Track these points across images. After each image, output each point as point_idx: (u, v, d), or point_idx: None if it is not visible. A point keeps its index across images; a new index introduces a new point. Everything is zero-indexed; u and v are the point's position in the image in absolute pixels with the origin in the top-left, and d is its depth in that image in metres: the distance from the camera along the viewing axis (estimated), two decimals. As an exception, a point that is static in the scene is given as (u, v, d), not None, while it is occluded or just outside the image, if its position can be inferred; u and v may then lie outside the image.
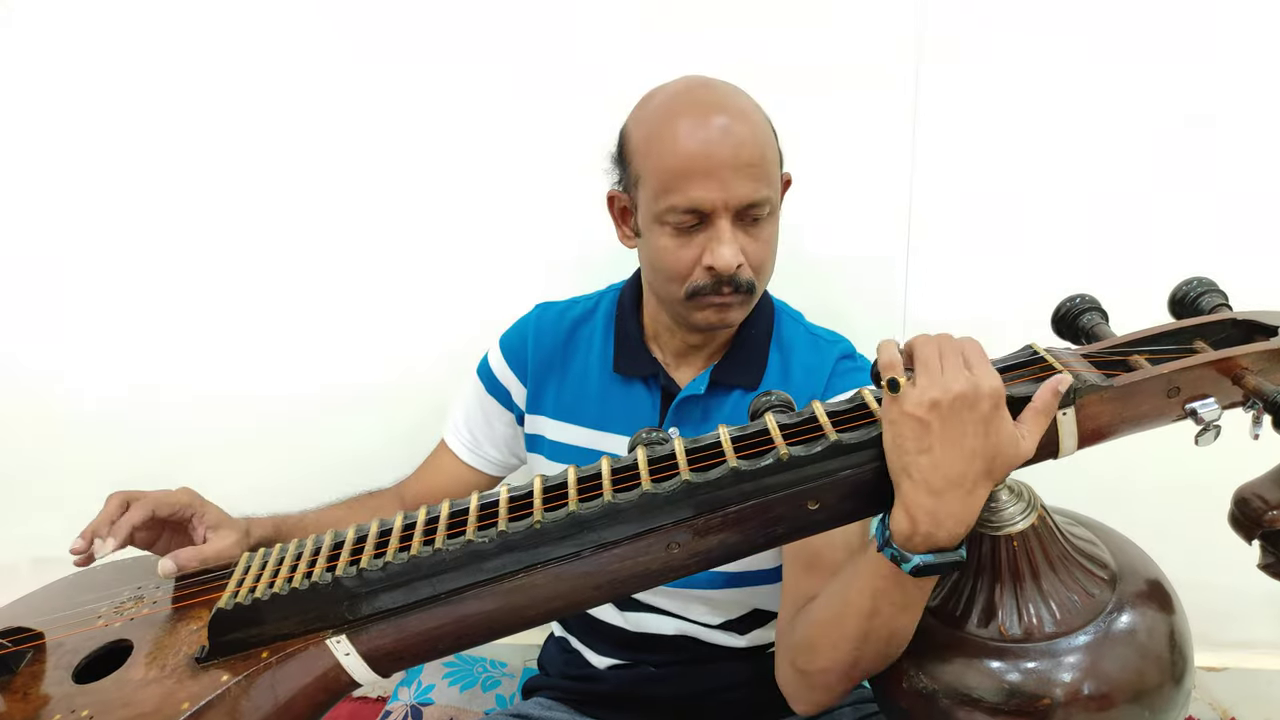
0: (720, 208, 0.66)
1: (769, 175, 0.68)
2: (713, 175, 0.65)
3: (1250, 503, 0.50)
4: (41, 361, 1.14)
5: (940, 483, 0.46)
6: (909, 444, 0.46)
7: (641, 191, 0.70)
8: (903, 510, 0.48)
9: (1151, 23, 0.88)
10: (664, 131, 0.67)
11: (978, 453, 0.46)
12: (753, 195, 0.66)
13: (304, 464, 1.13)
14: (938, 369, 0.46)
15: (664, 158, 0.66)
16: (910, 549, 0.48)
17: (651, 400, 0.78)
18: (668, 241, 0.68)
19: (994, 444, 0.46)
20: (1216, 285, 0.55)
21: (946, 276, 0.99)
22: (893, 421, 0.47)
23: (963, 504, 0.47)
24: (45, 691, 0.55)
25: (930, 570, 0.48)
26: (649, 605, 0.80)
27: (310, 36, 0.98)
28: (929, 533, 0.47)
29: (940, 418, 0.45)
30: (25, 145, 1.05)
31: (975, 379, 0.45)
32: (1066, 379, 0.48)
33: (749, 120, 0.67)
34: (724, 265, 0.66)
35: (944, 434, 0.45)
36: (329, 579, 0.51)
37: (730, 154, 0.65)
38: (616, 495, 0.50)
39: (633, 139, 0.70)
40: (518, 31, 0.95)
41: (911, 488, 0.47)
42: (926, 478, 0.46)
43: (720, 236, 0.66)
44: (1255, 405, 0.48)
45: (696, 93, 0.68)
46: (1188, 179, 0.92)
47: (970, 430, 0.45)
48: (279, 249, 1.07)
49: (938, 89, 0.92)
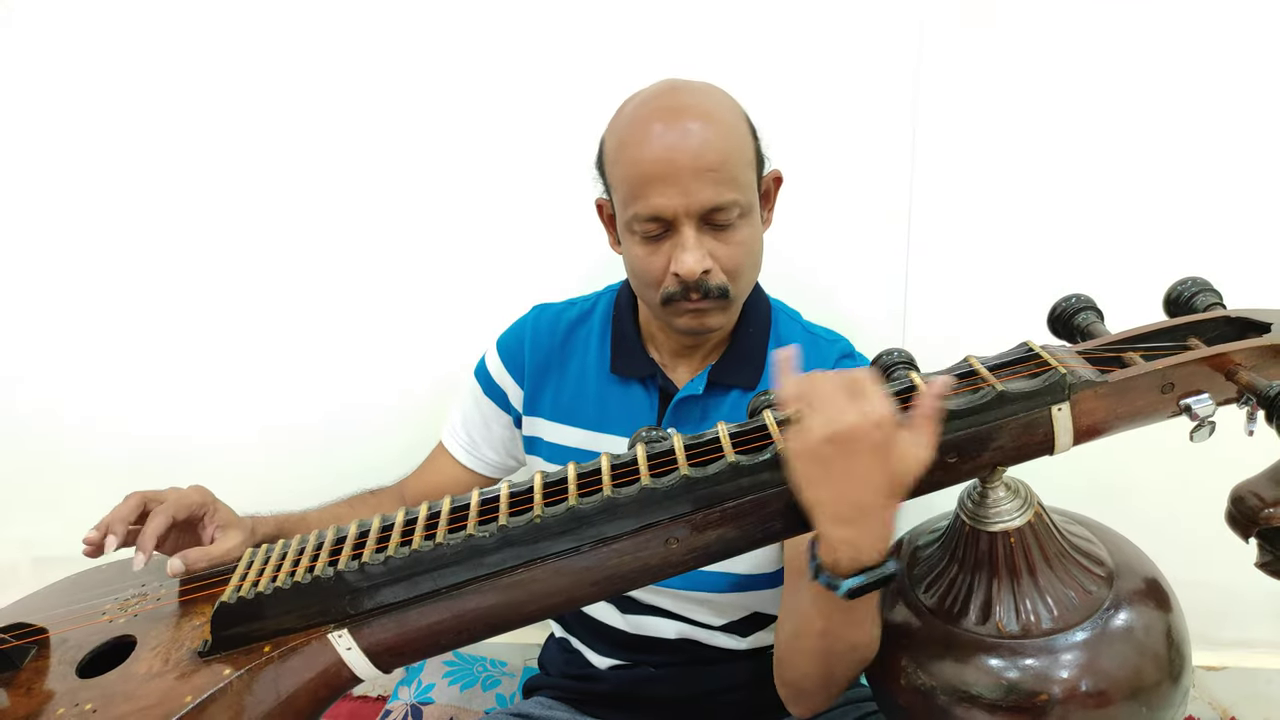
0: (681, 214, 0.65)
1: (735, 178, 0.66)
2: (672, 181, 0.64)
3: (1247, 500, 0.50)
4: (42, 363, 1.14)
5: (848, 513, 0.47)
6: (811, 478, 0.48)
7: (615, 199, 0.70)
8: (823, 542, 0.49)
9: (1150, 22, 0.89)
10: (629, 139, 0.67)
11: (878, 477, 0.47)
12: (715, 200, 0.65)
13: (304, 463, 1.13)
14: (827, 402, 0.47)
15: (627, 166, 0.66)
16: (840, 574, 0.50)
17: (649, 401, 0.78)
18: (639, 249, 0.68)
19: (891, 468, 0.47)
20: (1211, 285, 0.55)
21: (945, 276, 1.00)
22: (792, 459, 0.48)
23: (877, 525, 0.48)
24: (49, 686, 0.55)
25: (863, 590, 0.49)
26: (650, 607, 0.80)
27: (308, 51, 0.98)
28: (852, 557, 0.49)
29: (835, 452, 0.46)
30: (31, 150, 1.05)
31: (864, 409, 0.46)
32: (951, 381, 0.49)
33: (714, 122, 0.65)
34: (686, 272, 0.66)
35: (843, 465, 0.46)
36: (331, 573, 0.52)
37: (689, 159, 0.64)
38: (616, 490, 0.50)
39: (606, 147, 0.71)
40: (514, 37, 0.96)
41: (824, 520, 0.48)
42: (834, 510, 0.48)
43: (684, 244, 0.66)
44: (1249, 401, 0.48)
45: (663, 98, 0.67)
46: (1183, 179, 0.93)
47: (866, 460, 0.46)
48: (279, 254, 1.07)
49: (938, 89, 0.93)
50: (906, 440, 0.47)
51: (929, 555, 0.60)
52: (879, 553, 0.49)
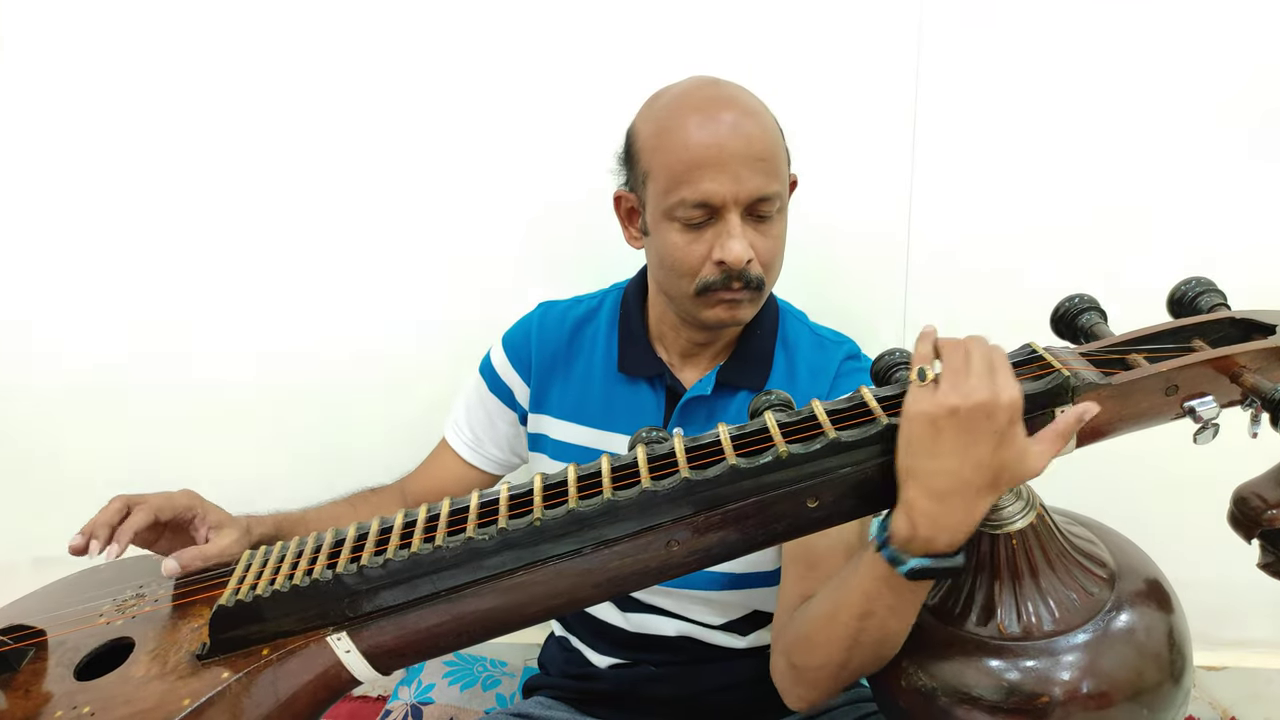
0: (730, 201, 0.66)
1: (779, 171, 0.68)
2: (724, 168, 0.65)
3: (1249, 501, 0.50)
4: (42, 363, 1.14)
5: (944, 488, 0.46)
6: (919, 445, 0.46)
7: (650, 188, 0.70)
8: (903, 512, 0.48)
9: (1151, 22, 0.88)
10: (674, 126, 0.67)
11: (986, 464, 0.46)
12: (764, 189, 0.66)
13: (306, 462, 1.13)
14: (963, 374, 0.46)
15: (674, 151, 0.66)
16: (908, 552, 0.48)
17: (656, 401, 0.78)
18: (677, 237, 0.68)
19: (1003, 458, 0.46)
20: (1215, 285, 0.55)
21: (946, 275, 0.99)
22: (909, 419, 0.47)
23: (965, 512, 0.47)
24: (47, 689, 0.55)
25: (926, 574, 0.48)
26: (650, 606, 0.80)
27: (316, 32, 0.98)
28: (928, 537, 0.47)
29: (955, 424, 0.45)
30: (24, 141, 1.05)
31: (996, 389, 0.45)
32: (1093, 409, 0.47)
33: (758, 117, 0.67)
34: (734, 259, 0.66)
35: (956, 441, 0.45)
36: (330, 576, 0.52)
37: (742, 147, 0.65)
38: (616, 493, 0.50)
39: (641, 136, 0.70)
40: (522, 30, 0.96)
41: (915, 490, 0.47)
42: (931, 482, 0.46)
43: (730, 230, 0.66)
44: (1253, 403, 0.48)
45: (706, 90, 0.69)
46: (1187, 179, 0.93)
47: (983, 441, 0.45)
48: (282, 246, 1.07)
49: (938, 88, 0.92)
50: (1028, 444, 0.46)
51: (930, 556, 0.59)
52: (955, 543, 0.48)
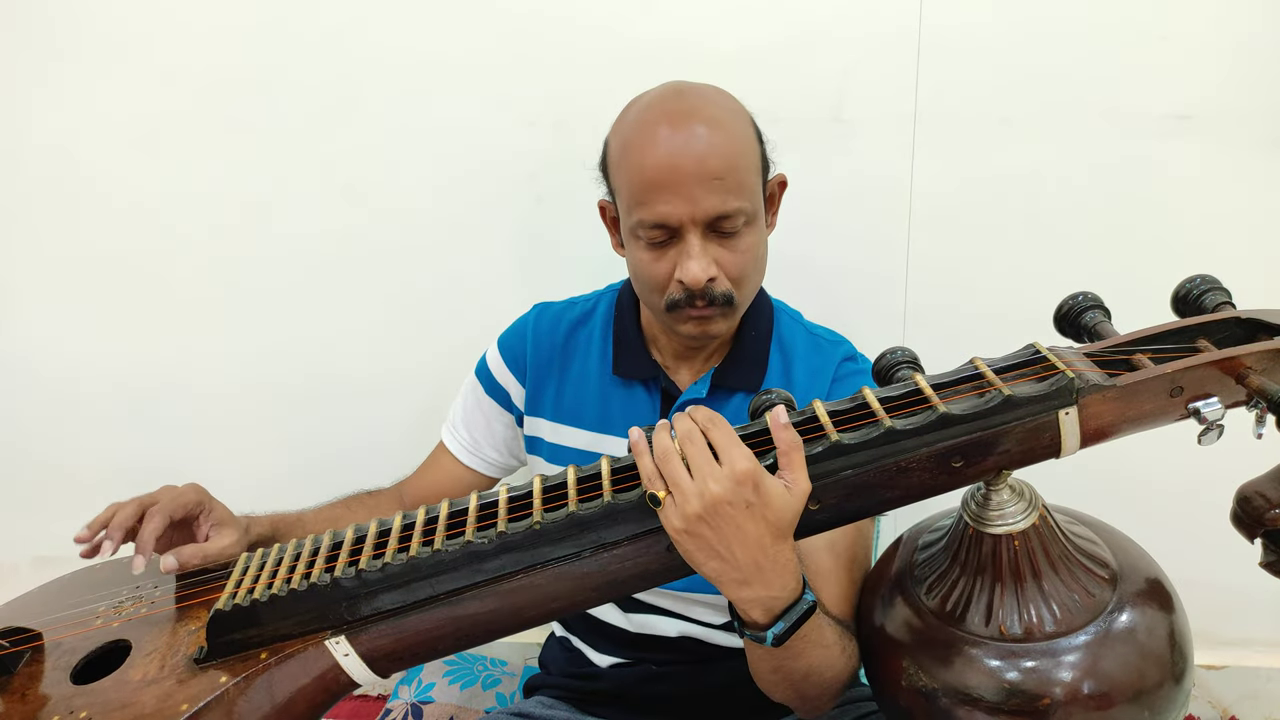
0: (687, 221, 0.64)
1: (741, 185, 0.65)
2: (677, 190, 0.63)
3: (1252, 501, 0.49)
4: (42, 361, 1.14)
5: (743, 574, 0.48)
6: (698, 556, 0.48)
7: (619, 203, 0.69)
8: (735, 606, 0.50)
9: (1153, 21, 0.88)
10: (634, 144, 0.66)
11: (760, 532, 0.47)
12: (720, 207, 0.64)
13: (304, 463, 1.13)
14: (688, 480, 0.46)
15: (632, 171, 0.65)
16: (762, 628, 0.50)
17: (651, 403, 0.78)
18: (643, 254, 0.68)
19: (771, 517, 0.47)
20: (1220, 283, 0.54)
21: (946, 275, 0.99)
22: (674, 541, 0.48)
23: (775, 574, 0.48)
24: (43, 692, 0.55)
25: (788, 634, 0.50)
26: (651, 606, 0.80)
27: (316, 34, 0.97)
28: (765, 609, 0.49)
29: (709, 525, 0.46)
30: (24, 141, 1.04)
31: (726, 471, 0.46)
32: (780, 411, 0.48)
33: (720, 129, 0.64)
34: (692, 280, 0.65)
35: (721, 534, 0.46)
36: (327, 580, 0.51)
37: (694, 167, 0.62)
38: (616, 495, 0.49)
39: (611, 150, 0.70)
40: (519, 30, 0.95)
41: (725, 587, 0.49)
42: (731, 575, 0.48)
43: (689, 251, 0.65)
44: (1259, 405, 0.48)
45: (668, 102, 0.66)
46: (1191, 176, 0.92)
47: (742, 517, 0.46)
48: (279, 248, 1.06)
49: (938, 89, 0.92)
50: (774, 485, 0.47)
51: (931, 556, 0.59)
52: (790, 592, 0.49)
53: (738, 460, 0.46)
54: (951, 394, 0.50)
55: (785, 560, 0.49)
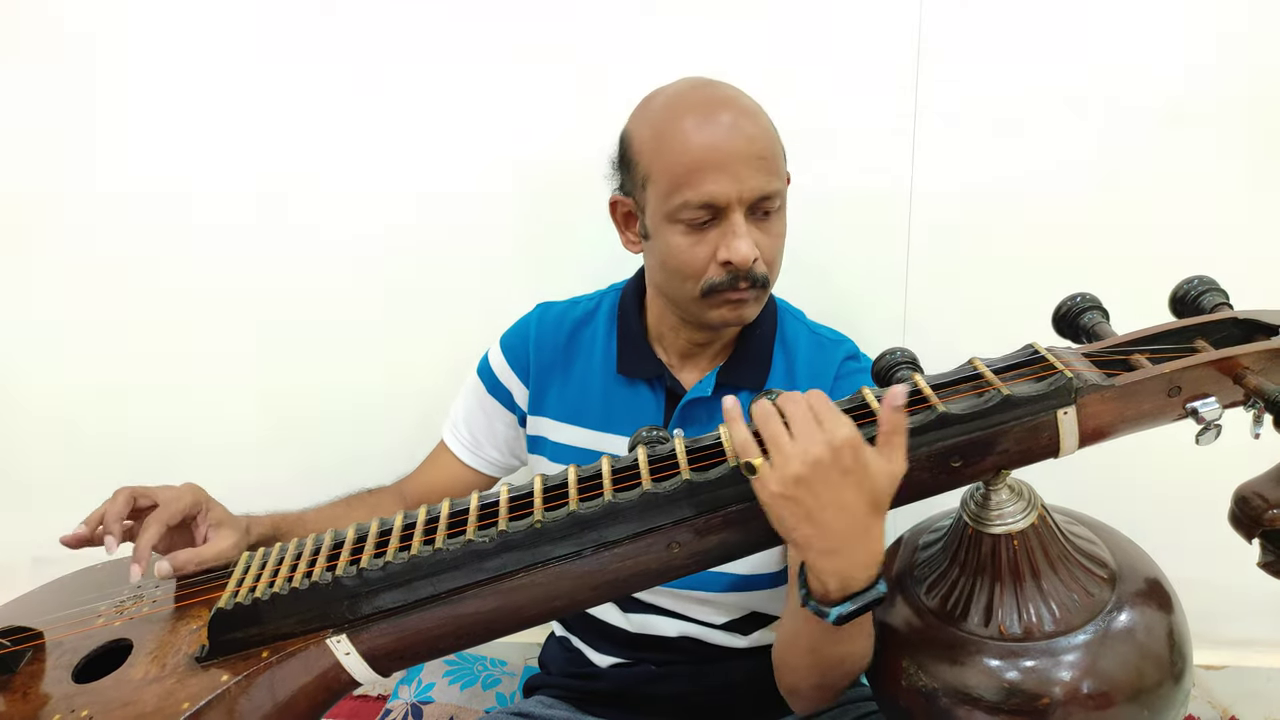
0: (734, 201, 0.65)
1: (778, 168, 0.68)
2: (726, 169, 0.64)
3: (1250, 501, 0.49)
4: (42, 361, 1.14)
5: (834, 543, 0.47)
6: (790, 521, 0.47)
7: (650, 191, 0.69)
8: (812, 575, 0.49)
9: (1154, 21, 0.88)
10: (672, 129, 0.66)
11: (856, 501, 0.46)
12: (766, 187, 0.66)
13: (304, 462, 1.13)
14: (789, 441, 0.46)
15: (674, 154, 0.66)
16: (829, 603, 0.49)
17: (656, 402, 0.78)
18: (680, 240, 0.68)
19: (869, 486, 0.46)
20: (1217, 284, 0.54)
21: (946, 275, 0.99)
22: (766, 506, 0.47)
23: (864, 549, 0.48)
24: (45, 691, 0.55)
25: (852, 616, 0.49)
26: (651, 606, 0.80)
27: (316, 37, 0.97)
28: (842, 585, 0.49)
29: (808, 488, 0.45)
30: (24, 141, 1.04)
31: (827, 436, 0.45)
32: (902, 390, 0.47)
33: (755, 116, 0.67)
34: (741, 259, 0.66)
35: (817, 499, 0.46)
36: (329, 579, 0.51)
37: (743, 146, 0.65)
38: (617, 495, 0.50)
39: (637, 140, 0.70)
40: (517, 33, 0.95)
41: (810, 555, 0.48)
42: (818, 544, 0.47)
43: (736, 230, 0.66)
44: (1256, 405, 0.48)
45: (702, 90, 0.68)
46: (1189, 177, 0.92)
47: (840, 485, 0.46)
48: (279, 247, 1.06)
49: (938, 89, 0.92)
50: (875, 457, 0.46)
51: (931, 556, 0.59)
52: (869, 576, 0.49)
53: (840, 426, 0.46)
54: (950, 394, 0.51)
55: (875, 537, 0.48)
